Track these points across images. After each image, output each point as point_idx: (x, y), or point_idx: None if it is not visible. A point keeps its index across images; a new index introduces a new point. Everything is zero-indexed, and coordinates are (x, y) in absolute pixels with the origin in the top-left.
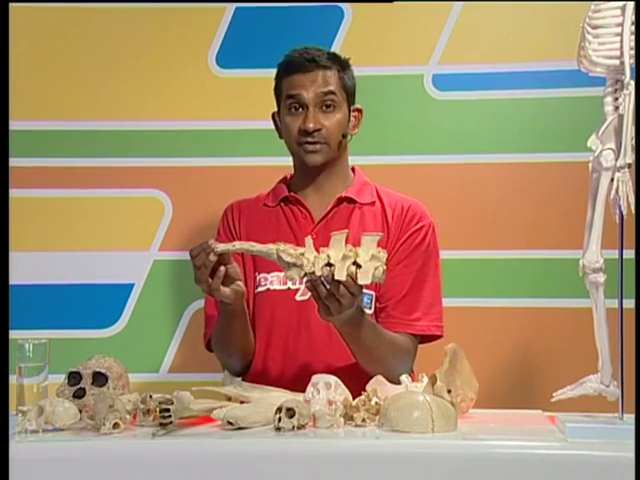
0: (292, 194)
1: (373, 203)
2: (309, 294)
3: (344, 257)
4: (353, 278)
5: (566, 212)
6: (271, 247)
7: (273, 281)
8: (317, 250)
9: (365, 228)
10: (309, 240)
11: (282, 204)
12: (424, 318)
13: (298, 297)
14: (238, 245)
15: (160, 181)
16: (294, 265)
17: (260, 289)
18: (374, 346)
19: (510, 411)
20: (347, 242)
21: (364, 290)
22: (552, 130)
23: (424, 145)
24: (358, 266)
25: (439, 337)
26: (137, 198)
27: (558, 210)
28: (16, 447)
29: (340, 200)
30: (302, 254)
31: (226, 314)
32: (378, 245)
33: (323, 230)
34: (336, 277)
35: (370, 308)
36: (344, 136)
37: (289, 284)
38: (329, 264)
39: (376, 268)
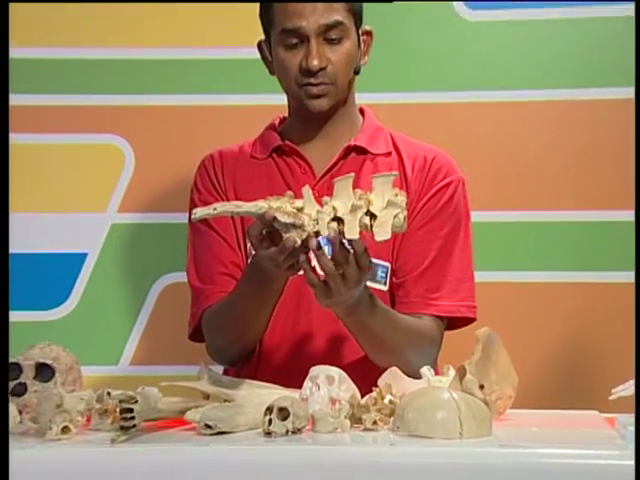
0: (287, 143)
1: (389, 154)
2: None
3: (354, 208)
4: (367, 234)
5: (623, 164)
6: (262, 205)
7: None
8: (319, 203)
9: None
10: (307, 190)
11: (274, 155)
12: (452, 296)
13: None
14: (220, 207)
15: (119, 125)
16: (293, 226)
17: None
18: (387, 337)
19: (558, 412)
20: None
21: (377, 261)
22: (609, 60)
23: (450, 79)
24: (372, 216)
25: (471, 320)
26: (90, 146)
27: (612, 161)
28: None
29: (348, 150)
30: (300, 209)
31: (262, 292)
32: (395, 186)
33: (327, 187)
34: (347, 236)
35: (385, 284)
36: (356, 72)
37: None
38: (336, 219)
39: (395, 216)
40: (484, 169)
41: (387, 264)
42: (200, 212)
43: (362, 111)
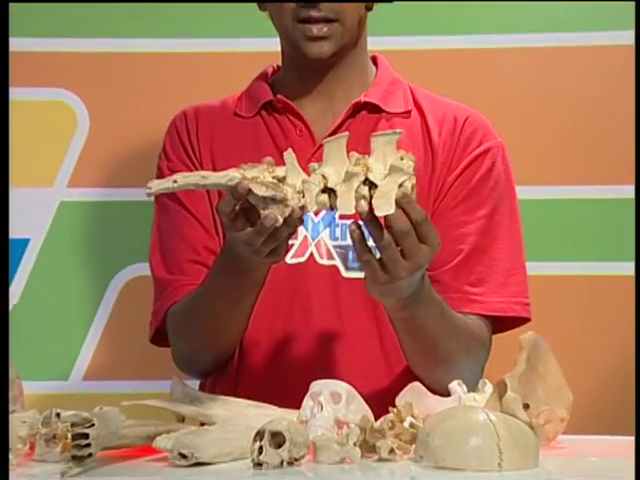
0: (280, 97)
1: (408, 113)
2: (307, 254)
3: (349, 175)
4: (362, 208)
5: None
6: (233, 175)
7: None
8: (304, 169)
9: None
10: (290, 155)
11: (263, 113)
12: (500, 291)
13: (289, 258)
14: (182, 179)
15: (69, 76)
16: (273, 200)
17: None
18: (443, 340)
19: (621, 438)
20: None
21: None
22: None
23: (485, 20)
24: (372, 185)
25: (524, 321)
26: (32, 103)
27: None
28: None
29: (357, 107)
30: (281, 180)
31: (237, 285)
32: (418, 163)
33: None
34: (340, 210)
35: None
36: (368, 8)
37: None
38: (326, 190)
39: (401, 184)
40: (525, 133)
41: None
42: (156, 186)
43: (375, 60)
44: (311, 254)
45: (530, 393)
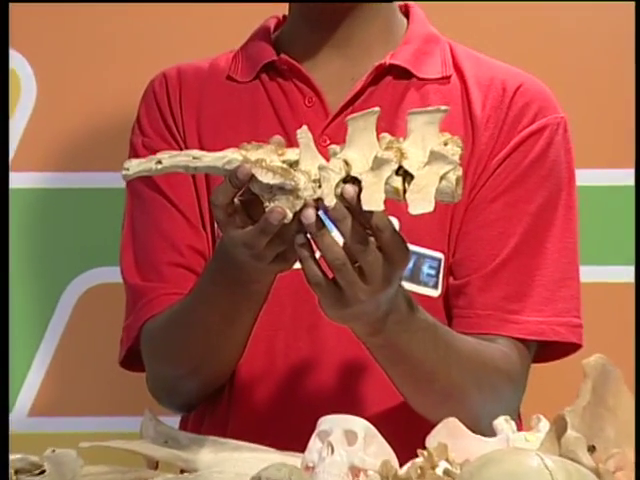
0: (284, 57)
1: (446, 79)
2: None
3: (378, 162)
4: (398, 199)
5: None
6: (233, 156)
7: None
8: (324, 155)
9: None
10: (305, 134)
11: (264, 77)
12: (544, 308)
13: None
14: (168, 159)
15: (14, 36)
16: (281, 190)
17: None
18: (439, 371)
19: None
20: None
21: (422, 249)
22: None
23: None
24: (407, 176)
25: (575, 348)
26: None
27: None
28: None
29: (381, 71)
30: (293, 164)
31: (233, 298)
32: (442, 130)
33: (346, 129)
34: (366, 206)
35: (435, 286)
36: None
37: None
38: (350, 179)
39: (443, 176)
40: (586, 103)
41: (439, 255)
42: (135, 166)
43: (406, 10)
44: (320, 257)
45: (597, 432)
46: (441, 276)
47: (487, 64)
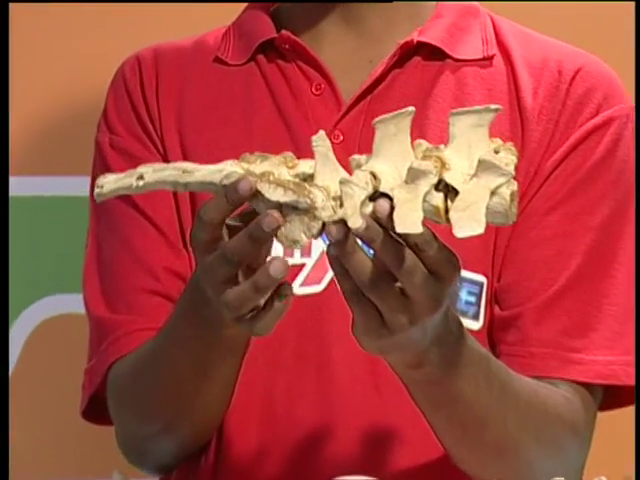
0: (287, 34)
1: (488, 60)
2: (326, 279)
3: (414, 174)
4: (438, 221)
5: None
6: (231, 170)
7: None
8: (345, 166)
9: None
10: (322, 141)
11: (261, 58)
12: (615, 345)
13: (298, 286)
14: (151, 174)
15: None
16: (294, 209)
17: None
18: (493, 418)
19: None
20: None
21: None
22: None
23: None
24: (449, 191)
25: (630, 391)
26: None
27: None
28: None
29: (407, 50)
30: (307, 178)
31: (209, 341)
32: (499, 136)
33: (364, 127)
34: (399, 228)
35: (476, 317)
36: None
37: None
38: (377, 196)
39: (495, 191)
40: None
41: (480, 279)
42: (111, 183)
43: None
44: (332, 280)
45: None
46: (483, 304)
47: (539, 42)
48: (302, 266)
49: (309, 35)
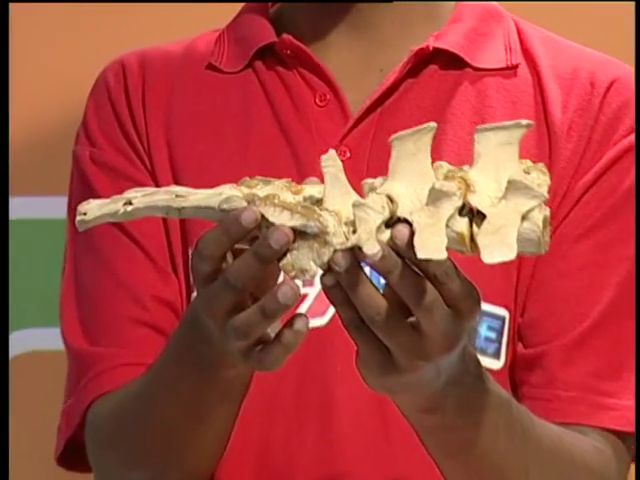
0: (288, 38)
1: (512, 70)
2: (330, 311)
3: (435, 195)
4: (461, 250)
5: None
6: (230, 193)
7: None
8: (357, 189)
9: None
10: (333, 162)
11: (259, 65)
12: None
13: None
14: (140, 199)
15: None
16: (302, 234)
17: None
18: (509, 466)
19: None
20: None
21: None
22: None
23: None
24: (474, 216)
25: None
26: None
27: None
28: None
29: (422, 58)
30: (315, 203)
31: (204, 387)
32: (524, 153)
33: (374, 144)
34: (421, 254)
35: (497, 355)
36: None
37: None
38: (395, 221)
39: (525, 216)
40: None
41: (502, 312)
42: (95, 210)
43: None
44: (336, 313)
45: None
46: (504, 341)
47: (568, 50)
48: (304, 297)
49: (313, 40)
